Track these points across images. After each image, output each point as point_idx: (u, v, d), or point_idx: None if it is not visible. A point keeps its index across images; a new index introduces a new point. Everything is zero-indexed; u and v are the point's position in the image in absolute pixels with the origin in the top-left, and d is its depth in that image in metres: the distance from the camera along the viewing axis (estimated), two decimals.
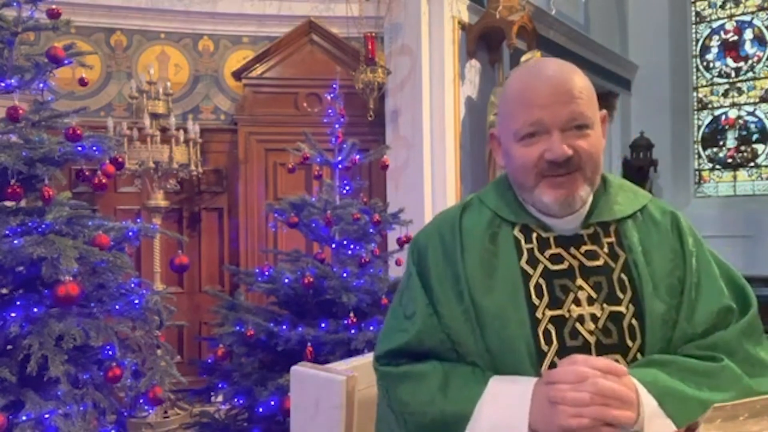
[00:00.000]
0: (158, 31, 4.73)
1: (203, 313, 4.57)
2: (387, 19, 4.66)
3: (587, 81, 1.11)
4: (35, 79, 2.48)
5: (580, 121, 1.06)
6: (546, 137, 1.06)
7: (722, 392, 1.01)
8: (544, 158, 1.06)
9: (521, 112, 1.08)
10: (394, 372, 1.17)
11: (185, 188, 4.71)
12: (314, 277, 3.02)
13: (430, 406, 1.09)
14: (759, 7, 7.18)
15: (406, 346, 1.17)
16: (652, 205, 1.20)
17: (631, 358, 1.07)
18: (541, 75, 1.09)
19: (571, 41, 5.94)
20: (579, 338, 1.06)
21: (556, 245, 1.13)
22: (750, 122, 7.17)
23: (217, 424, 3.08)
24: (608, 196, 1.18)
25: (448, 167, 4.41)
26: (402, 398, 1.14)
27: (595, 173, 1.11)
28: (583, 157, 1.07)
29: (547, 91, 1.06)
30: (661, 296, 1.09)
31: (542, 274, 1.10)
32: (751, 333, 1.11)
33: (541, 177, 1.08)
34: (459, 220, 1.20)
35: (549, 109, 1.05)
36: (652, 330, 1.07)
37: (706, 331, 1.09)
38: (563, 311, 1.07)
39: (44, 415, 2.05)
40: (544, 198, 1.09)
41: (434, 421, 1.08)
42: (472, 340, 1.10)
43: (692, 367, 1.05)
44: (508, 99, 1.13)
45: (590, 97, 1.09)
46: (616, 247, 1.13)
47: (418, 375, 1.13)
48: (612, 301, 1.08)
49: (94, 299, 2.41)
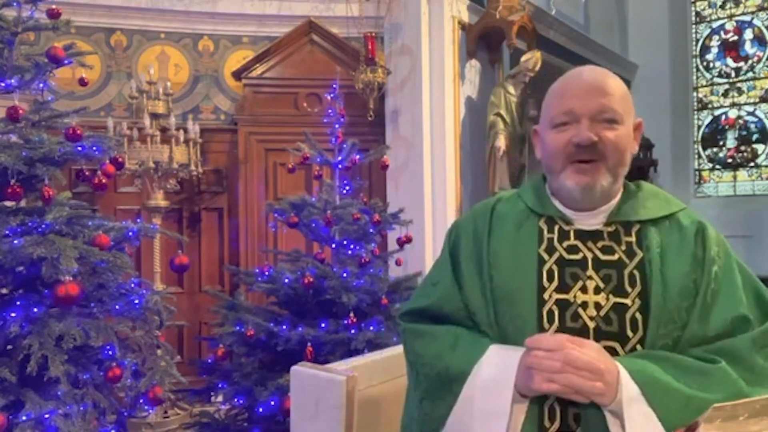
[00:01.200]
0: (158, 31, 4.73)
1: (203, 313, 4.57)
2: (387, 19, 4.66)
3: (623, 85, 1.21)
4: (35, 79, 2.48)
5: (609, 115, 1.15)
6: (576, 125, 1.16)
7: (711, 392, 1.02)
8: (572, 142, 1.15)
9: (557, 102, 1.20)
10: (414, 328, 1.33)
11: (185, 188, 4.70)
12: (314, 277, 3.02)
13: (438, 360, 1.23)
14: (759, 7, 7.18)
15: (426, 308, 1.33)
16: (682, 214, 1.24)
17: (630, 349, 1.11)
18: (581, 74, 1.21)
19: (571, 41, 5.94)
20: (579, 321, 1.14)
21: (575, 238, 1.21)
22: (750, 122, 7.17)
23: (217, 424, 3.08)
24: (637, 199, 1.23)
25: (448, 167, 4.41)
26: (417, 350, 1.30)
27: (619, 166, 1.18)
28: (608, 147, 1.15)
29: (582, 85, 1.18)
30: (670, 296, 1.12)
31: (556, 261, 1.19)
32: (765, 344, 1.11)
33: (569, 162, 1.17)
34: (492, 207, 1.33)
35: (581, 100, 1.16)
36: (655, 326, 1.10)
37: (717, 336, 1.11)
38: (569, 296, 1.16)
39: (44, 415, 2.05)
40: (567, 182, 1.18)
41: (440, 374, 1.23)
42: (485, 313, 1.23)
43: (686, 364, 1.07)
44: (550, 95, 1.25)
45: (623, 98, 1.18)
46: (634, 246, 1.17)
47: (434, 334, 1.28)
48: (618, 292, 1.14)
49: (94, 299, 2.41)
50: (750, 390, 1.04)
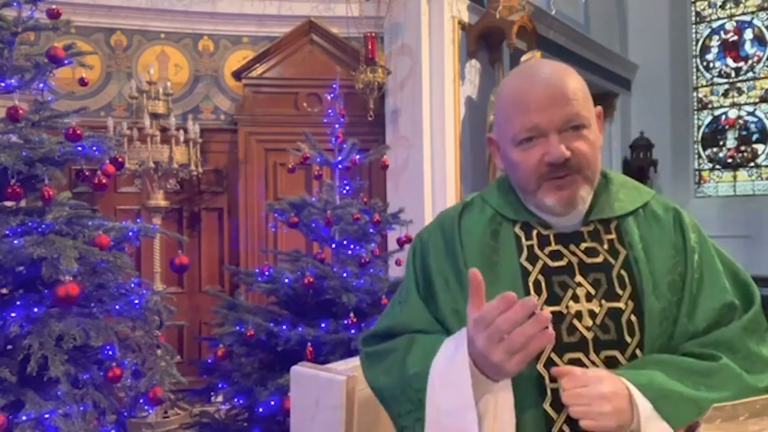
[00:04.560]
0: (158, 31, 4.73)
1: (203, 313, 4.57)
2: (387, 19, 4.65)
3: (581, 81, 1.12)
4: (35, 79, 2.48)
5: (576, 122, 1.07)
6: (543, 140, 1.07)
7: (720, 391, 1.01)
8: (544, 161, 1.07)
9: (517, 117, 1.09)
10: (372, 351, 1.23)
11: (185, 188, 4.70)
12: (314, 277, 3.02)
13: (398, 370, 1.13)
14: (759, 7, 7.18)
15: (390, 328, 1.23)
16: (654, 201, 1.20)
17: (630, 354, 1.07)
18: (535, 78, 1.09)
19: (571, 41, 5.95)
20: (576, 334, 1.07)
21: (556, 242, 1.14)
22: (750, 122, 7.17)
23: (217, 424, 3.08)
24: (609, 193, 1.18)
25: (448, 167, 4.41)
26: (370, 378, 1.22)
27: (595, 173, 1.12)
28: (582, 159, 1.08)
29: (541, 94, 1.07)
30: (661, 292, 1.09)
31: (541, 270, 1.12)
32: (754, 330, 1.10)
33: (543, 180, 1.09)
34: (459, 218, 1.23)
35: (545, 113, 1.06)
36: (652, 326, 1.08)
37: (707, 327, 1.09)
38: (561, 307, 1.09)
39: (44, 415, 2.05)
40: (546, 201, 1.10)
41: (404, 390, 1.11)
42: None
43: (690, 366, 1.05)
44: (504, 103, 1.14)
45: (585, 97, 1.10)
46: (616, 244, 1.14)
47: (386, 351, 1.19)
48: (611, 297, 1.09)
49: (94, 299, 2.41)
50: (753, 379, 1.04)
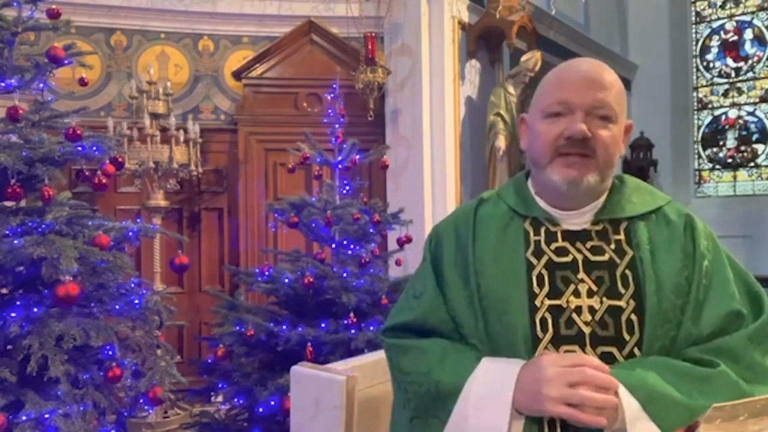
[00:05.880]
0: (158, 31, 4.73)
1: (203, 313, 4.57)
2: (387, 19, 4.65)
3: (619, 82, 1.17)
4: (35, 79, 2.48)
5: (605, 111, 1.11)
6: (570, 117, 1.11)
7: (713, 399, 0.99)
8: (563, 135, 1.11)
9: (552, 92, 1.15)
10: (399, 344, 1.27)
11: (185, 188, 4.70)
12: (314, 277, 3.02)
13: (426, 377, 1.17)
14: (759, 7, 7.17)
15: (412, 322, 1.26)
16: (669, 207, 1.21)
17: (628, 352, 1.08)
18: (576, 66, 1.17)
19: (571, 41, 5.94)
20: (574, 328, 1.10)
21: (563, 239, 1.17)
22: (750, 122, 7.17)
23: (217, 424, 3.08)
24: (622, 195, 1.20)
25: (448, 167, 4.40)
26: (403, 367, 1.23)
27: (607, 166, 1.14)
28: (599, 145, 1.11)
29: (579, 77, 1.13)
30: (665, 294, 1.09)
31: (546, 265, 1.15)
32: (761, 341, 1.08)
33: (557, 155, 1.13)
34: (474, 211, 1.28)
35: (578, 92, 1.11)
36: (652, 326, 1.07)
37: (712, 333, 1.09)
38: (561, 301, 1.12)
39: (44, 415, 2.05)
40: (554, 176, 1.13)
41: (429, 392, 1.16)
42: (474, 323, 1.17)
43: (686, 371, 1.04)
44: (544, 84, 1.20)
45: (619, 94, 1.14)
46: (624, 245, 1.15)
47: (420, 348, 1.22)
48: (612, 295, 1.11)
49: (94, 299, 2.41)
50: (751, 389, 1.03)
